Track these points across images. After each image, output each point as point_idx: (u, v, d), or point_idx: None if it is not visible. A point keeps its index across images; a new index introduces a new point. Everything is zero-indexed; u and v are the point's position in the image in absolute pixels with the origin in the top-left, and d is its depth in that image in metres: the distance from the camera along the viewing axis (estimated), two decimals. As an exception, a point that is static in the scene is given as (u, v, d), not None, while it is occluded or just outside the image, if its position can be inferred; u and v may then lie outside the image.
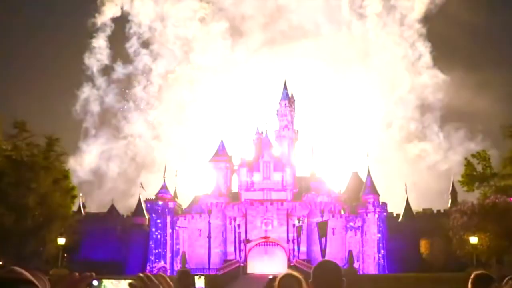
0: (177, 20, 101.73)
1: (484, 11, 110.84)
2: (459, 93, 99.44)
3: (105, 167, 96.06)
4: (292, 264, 58.97)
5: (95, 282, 2.36)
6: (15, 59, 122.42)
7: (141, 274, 2.45)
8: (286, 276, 3.93)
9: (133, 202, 77.47)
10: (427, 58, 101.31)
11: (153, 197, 71.03)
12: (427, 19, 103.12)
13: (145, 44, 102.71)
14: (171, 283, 2.51)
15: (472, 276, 5.05)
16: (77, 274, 2.39)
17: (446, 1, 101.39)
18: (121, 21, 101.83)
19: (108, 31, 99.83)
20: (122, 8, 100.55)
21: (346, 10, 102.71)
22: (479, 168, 52.13)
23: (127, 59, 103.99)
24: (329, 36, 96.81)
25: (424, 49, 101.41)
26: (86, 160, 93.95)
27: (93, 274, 2.44)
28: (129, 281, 2.47)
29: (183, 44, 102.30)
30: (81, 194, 65.12)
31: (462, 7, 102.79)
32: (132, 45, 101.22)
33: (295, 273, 3.97)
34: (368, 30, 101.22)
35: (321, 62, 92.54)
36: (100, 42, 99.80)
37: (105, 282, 33.84)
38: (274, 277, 4.06)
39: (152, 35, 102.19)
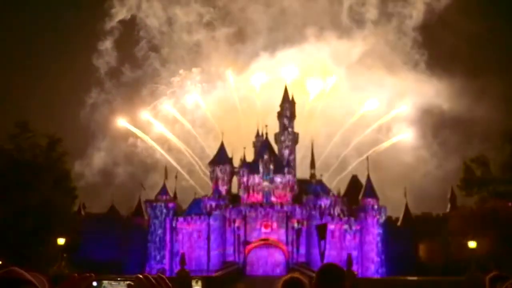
0: (183, 24, 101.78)
1: (483, 19, 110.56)
2: (457, 100, 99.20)
3: (112, 169, 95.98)
4: (291, 266, 58.91)
5: (94, 283, 2.36)
6: (23, 61, 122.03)
7: (139, 275, 2.46)
8: (290, 278, 3.95)
9: (136, 203, 77.42)
10: (424, 65, 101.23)
11: (153, 198, 71.00)
12: (425, 26, 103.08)
13: (154, 48, 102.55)
14: (170, 284, 2.53)
15: (487, 280, 5.25)
16: (76, 275, 2.42)
17: (444, 8, 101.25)
18: (130, 24, 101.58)
19: (117, 34, 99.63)
20: (130, 11, 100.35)
21: (345, 16, 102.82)
22: (478, 173, 52.08)
23: (135, 63, 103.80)
24: (331, 40, 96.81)
25: (420, 56, 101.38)
26: (93, 163, 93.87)
27: (93, 275, 2.46)
28: (128, 282, 2.49)
29: (189, 49, 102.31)
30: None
31: (461, 14, 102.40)
32: (141, 49, 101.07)
33: (299, 276, 3.99)
34: (366, 37, 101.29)
35: (322, 66, 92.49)
36: (108, 45, 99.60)
37: (105, 283, 33.84)
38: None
39: (161, 39, 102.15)
